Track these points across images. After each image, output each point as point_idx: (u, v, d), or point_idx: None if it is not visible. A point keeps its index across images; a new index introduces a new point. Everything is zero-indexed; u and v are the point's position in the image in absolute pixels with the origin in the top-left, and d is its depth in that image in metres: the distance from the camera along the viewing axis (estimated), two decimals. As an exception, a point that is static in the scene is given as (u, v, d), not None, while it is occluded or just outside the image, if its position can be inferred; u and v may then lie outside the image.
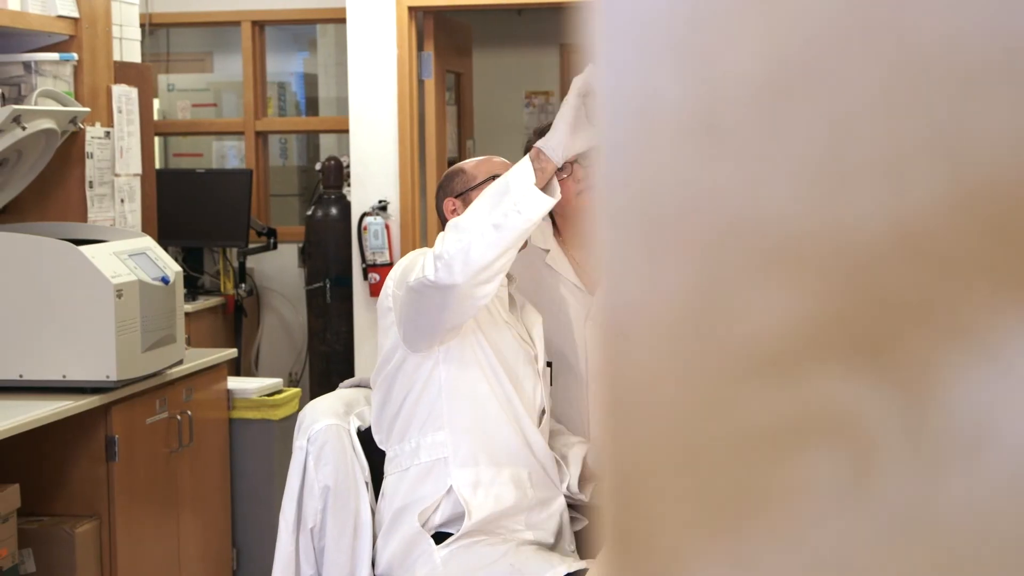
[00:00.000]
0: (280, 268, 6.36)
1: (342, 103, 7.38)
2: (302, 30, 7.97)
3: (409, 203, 5.65)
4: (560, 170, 2.88)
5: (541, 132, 2.96)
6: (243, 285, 5.98)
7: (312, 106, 7.93)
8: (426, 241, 5.87)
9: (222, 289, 5.95)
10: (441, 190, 2.83)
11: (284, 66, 8.24)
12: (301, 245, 6.24)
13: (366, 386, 2.91)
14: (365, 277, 5.65)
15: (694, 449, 0.56)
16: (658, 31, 0.55)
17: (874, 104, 0.53)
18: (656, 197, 0.56)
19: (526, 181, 2.47)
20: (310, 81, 8.01)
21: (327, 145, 7.64)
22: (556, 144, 2.52)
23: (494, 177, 2.71)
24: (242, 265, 6.00)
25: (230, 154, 7.47)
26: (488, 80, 7.38)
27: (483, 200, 2.50)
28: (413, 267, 2.59)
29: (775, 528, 0.55)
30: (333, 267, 5.84)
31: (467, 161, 2.86)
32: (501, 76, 7.66)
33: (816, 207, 0.53)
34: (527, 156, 2.52)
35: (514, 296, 2.84)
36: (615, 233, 0.58)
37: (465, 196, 2.73)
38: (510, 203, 2.45)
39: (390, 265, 5.64)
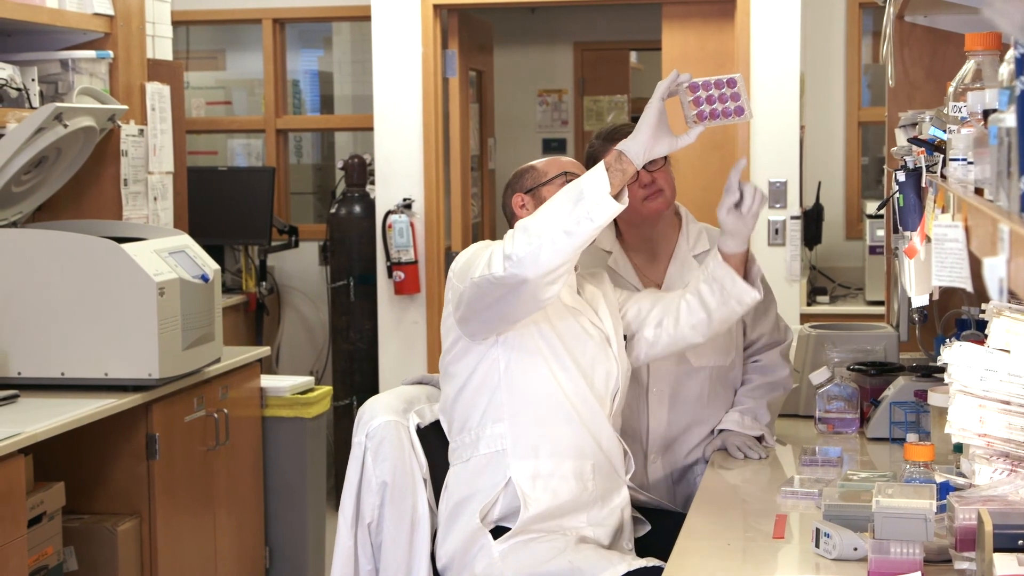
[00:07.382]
0: (301, 266, 6.36)
1: (358, 101, 7.39)
2: (310, 28, 7.96)
3: (434, 201, 5.66)
4: None
5: (603, 136, 2.96)
6: (264, 283, 5.98)
7: (326, 104, 7.92)
8: (450, 239, 5.87)
9: (244, 287, 5.95)
10: (510, 187, 2.82)
11: (291, 64, 8.23)
12: (321, 243, 6.24)
13: (428, 383, 2.91)
14: (390, 275, 5.66)
15: None
16: None
17: None
18: None
19: (601, 189, 2.43)
20: (324, 79, 7.99)
21: (342, 143, 7.64)
22: (639, 148, 2.48)
23: (565, 174, 2.71)
24: (263, 263, 6.00)
25: (240, 152, 7.46)
26: (501, 78, 7.38)
27: (555, 205, 2.46)
28: (475, 260, 2.58)
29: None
30: (357, 265, 5.84)
31: (537, 160, 2.85)
32: (514, 74, 7.65)
33: None
34: (601, 163, 2.48)
35: (580, 280, 2.82)
36: None
37: (535, 192, 2.73)
38: (583, 211, 2.42)
39: (415, 263, 5.64)
